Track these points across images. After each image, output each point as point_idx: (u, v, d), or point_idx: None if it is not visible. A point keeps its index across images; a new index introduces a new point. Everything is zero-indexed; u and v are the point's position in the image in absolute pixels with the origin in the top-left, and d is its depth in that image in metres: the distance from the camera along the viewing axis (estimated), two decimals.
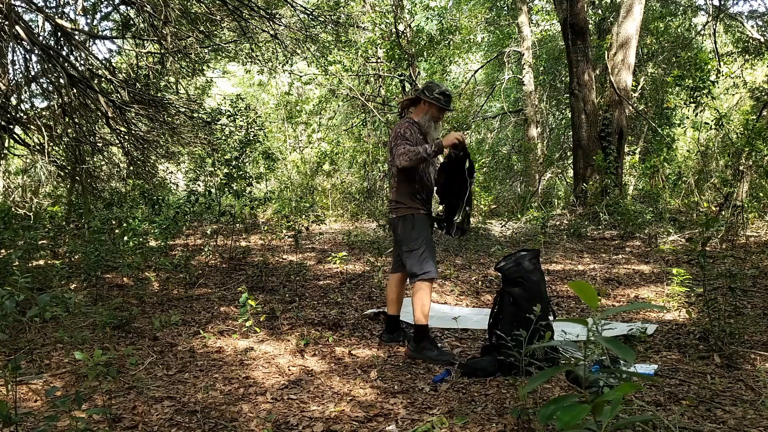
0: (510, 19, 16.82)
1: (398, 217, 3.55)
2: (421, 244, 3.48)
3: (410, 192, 3.54)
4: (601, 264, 6.31)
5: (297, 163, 13.83)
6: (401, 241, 3.55)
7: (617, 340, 2.02)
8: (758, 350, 3.29)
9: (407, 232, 3.51)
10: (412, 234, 3.50)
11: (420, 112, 3.63)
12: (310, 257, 7.12)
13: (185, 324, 4.23)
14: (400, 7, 11.84)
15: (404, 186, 3.54)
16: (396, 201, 3.56)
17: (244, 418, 2.62)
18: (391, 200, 3.63)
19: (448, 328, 4.15)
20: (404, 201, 3.54)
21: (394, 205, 3.58)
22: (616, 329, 3.77)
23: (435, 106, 3.58)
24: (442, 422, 2.50)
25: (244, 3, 6.85)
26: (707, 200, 8.60)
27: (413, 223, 3.52)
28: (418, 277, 3.46)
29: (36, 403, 2.77)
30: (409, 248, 3.50)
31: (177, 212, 6.47)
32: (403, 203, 3.54)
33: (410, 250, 3.49)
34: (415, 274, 3.48)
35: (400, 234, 3.55)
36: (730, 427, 2.37)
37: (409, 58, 11.60)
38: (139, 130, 6.60)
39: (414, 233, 3.50)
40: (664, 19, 14.24)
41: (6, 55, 5.18)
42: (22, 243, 5.11)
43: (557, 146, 16.21)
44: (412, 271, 3.49)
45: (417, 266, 3.46)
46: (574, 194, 10.27)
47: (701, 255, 3.50)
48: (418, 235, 3.50)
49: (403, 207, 3.53)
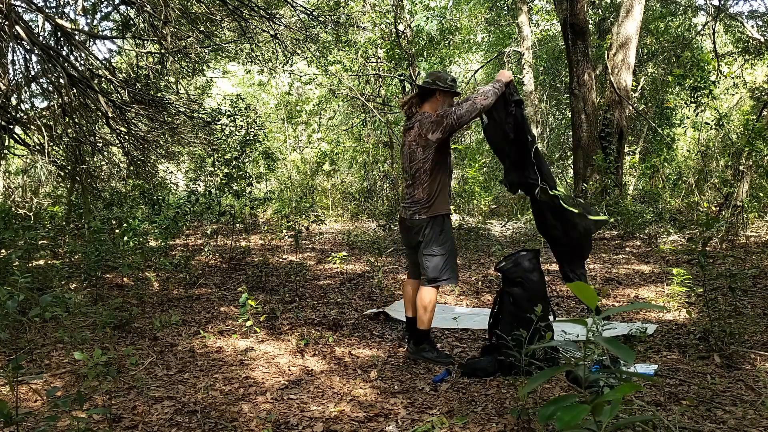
0: (510, 19, 16.82)
1: (429, 218, 3.32)
2: (448, 248, 3.35)
3: (443, 190, 3.36)
4: (601, 264, 6.31)
5: (297, 163, 13.83)
6: (427, 243, 3.34)
7: (617, 340, 2.02)
8: (758, 350, 3.29)
9: (436, 235, 3.32)
10: (440, 237, 3.32)
11: (436, 104, 3.38)
12: (310, 257, 7.12)
13: (185, 324, 4.23)
14: (400, 7, 11.84)
15: (436, 182, 3.32)
16: (427, 200, 3.32)
17: (244, 418, 2.62)
18: (419, 199, 3.34)
19: (448, 328, 4.14)
20: (437, 200, 3.33)
21: (425, 204, 3.33)
22: (616, 329, 3.77)
23: (450, 93, 3.41)
24: (442, 422, 2.50)
25: (244, 3, 6.85)
26: (707, 200, 8.60)
27: (443, 226, 3.35)
28: (439, 281, 3.35)
29: (36, 403, 2.77)
30: (434, 252, 3.32)
31: (177, 212, 6.48)
32: (436, 203, 3.33)
33: (435, 255, 3.32)
34: (435, 279, 3.34)
35: (428, 236, 3.33)
36: (730, 427, 2.37)
37: (409, 58, 11.60)
38: (139, 130, 6.60)
39: (443, 237, 3.34)
40: (664, 19, 14.24)
41: (6, 55, 5.18)
42: (22, 243, 5.11)
43: (557, 146, 16.21)
44: (432, 275, 3.34)
45: (439, 271, 3.33)
46: (574, 194, 10.27)
47: (701, 255, 3.50)
48: (446, 238, 3.35)
49: (436, 207, 3.33)
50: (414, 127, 3.34)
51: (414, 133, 3.33)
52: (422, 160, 3.31)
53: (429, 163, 3.31)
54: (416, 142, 3.32)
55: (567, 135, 15.31)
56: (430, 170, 3.31)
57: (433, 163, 3.31)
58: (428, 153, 3.30)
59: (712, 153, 9.82)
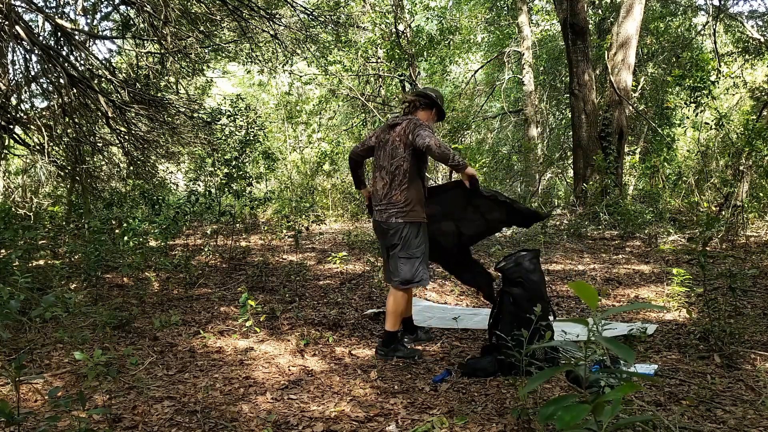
0: (510, 19, 16.83)
1: (406, 222, 3.36)
2: (422, 251, 3.41)
3: (420, 196, 3.42)
4: (601, 264, 6.31)
5: (297, 163, 13.83)
6: (403, 246, 3.37)
7: (617, 340, 2.02)
8: (758, 350, 3.29)
9: (411, 239, 3.37)
10: (415, 241, 3.39)
11: (427, 117, 3.56)
12: (310, 257, 7.12)
13: (185, 324, 4.23)
14: (400, 7, 11.85)
15: (414, 188, 3.38)
16: (405, 204, 3.36)
17: (244, 418, 2.62)
18: (397, 201, 3.37)
19: (448, 328, 4.15)
20: (415, 206, 3.38)
21: (403, 207, 3.36)
22: (617, 329, 3.77)
23: (440, 115, 3.63)
24: (442, 422, 2.50)
25: (244, 3, 6.85)
26: (707, 200, 8.60)
27: (419, 231, 3.41)
28: (411, 283, 3.41)
29: (36, 402, 2.77)
30: (408, 255, 3.37)
31: (177, 212, 6.48)
32: (414, 208, 3.38)
33: (409, 257, 3.38)
34: (408, 281, 3.39)
35: (405, 238, 3.37)
36: (730, 427, 2.37)
37: (409, 58, 11.60)
38: (139, 130, 6.60)
39: (417, 240, 3.39)
40: (664, 19, 14.25)
41: (6, 55, 5.19)
42: (22, 243, 5.11)
43: (557, 146, 16.21)
44: (405, 277, 3.39)
45: (412, 272, 3.38)
46: (574, 194, 10.27)
47: (701, 255, 3.50)
48: (420, 242, 3.41)
49: (414, 212, 3.38)
50: (402, 123, 3.42)
51: (400, 129, 3.41)
52: (402, 158, 3.37)
53: (407, 163, 3.36)
54: (400, 138, 3.39)
55: (567, 135, 15.31)
56: (408, 171, 3.36)
57: (412, 166, 3.37)
58: (408, 153, 3.36)
59: (712, 153, 9.83)
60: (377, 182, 3.49)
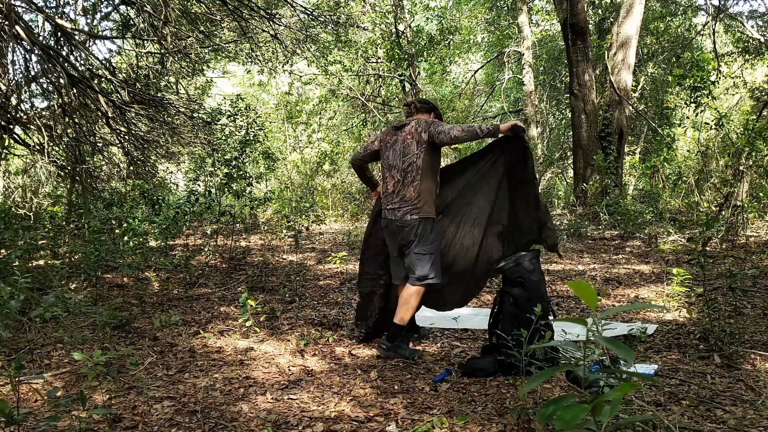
0: (510, 19, 16.83)
1: (421, 218, 3.39)
2: (436, 248, 3.43)
3: (433, 194, 3.45)
4: (601, 264, 6.31)
5: (297, 163, 13.83)
6: (417, 242, 3.39)
7: (617, 340, 2.02)
8: (758, 350, 3.29)
9: (426, 234, 3.39)
10: (430, 237, 3.41)
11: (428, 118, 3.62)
12: (310, 257, 7.12)
13: (185, 324, 4.23)
14: (400, 7, 11.85)
15: (426, 184, 3.40)
16: (417, 199, 3.39)
17: (244, 418, 2.62)
18: (410, 198, 3.40)
19: (448, 328, 4.15)
20: (428, 203, 3.41)
21: (416, 203, 3.39)
22: (616, 329, 3.77)
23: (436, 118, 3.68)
24: (442, 422, 2.50)
25: (244, 3, 6.85)
26: (707, 200, 8.61)
27: (432, 227, 3.43)
28: (426, 280, 3.40)
29: (36, 402, 2.77)
30: (424, 251, 3.38)
31: (177, 212, 6.47)
32: (428, 205, 3.41)
33: (425, 253, 3.39)
34: (424, 277, 3.38)
35: (420, 234, 3.38)
36: (730, 427, 2.37)
37: (409, 58, 11.61)
38: (139, 130, 6.60)
39: (432, 236, 3.42)
40: (664, 19, 14.26)
41: (6, 55, 5.18)
42: (22, 243, 5.11)
43: (557, 146, 16.22)
44: (421, 273, 3.38)
45: (428, 269, 3.38)
46: (574, 194, 10.28)
47: (701, 255, 3.50)
48: (435, 238, 3.44)
49: (426, 208, 3.40)
50: (411, 123, 3.50)
51: (410, 128, 3.48)
52: (415, 154, 3.41)
53: (421, 159, 3.40)
54: (412, 136, 3.45)
55: (567, 135, 15.32)
56: (421, 168, 3.40)
57: (425, 162, 3.40)
58: (421, 149, 3.40)
59: (712, 153, 9.83)
60: (388, 181, 3.53)
